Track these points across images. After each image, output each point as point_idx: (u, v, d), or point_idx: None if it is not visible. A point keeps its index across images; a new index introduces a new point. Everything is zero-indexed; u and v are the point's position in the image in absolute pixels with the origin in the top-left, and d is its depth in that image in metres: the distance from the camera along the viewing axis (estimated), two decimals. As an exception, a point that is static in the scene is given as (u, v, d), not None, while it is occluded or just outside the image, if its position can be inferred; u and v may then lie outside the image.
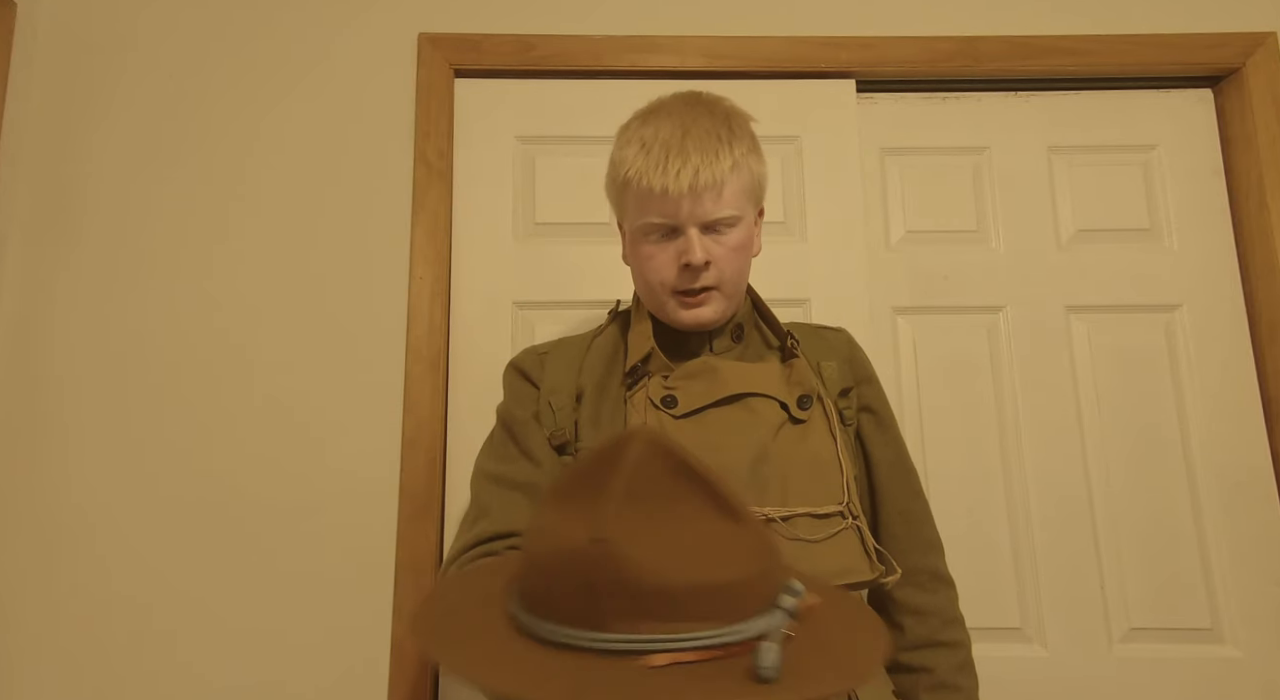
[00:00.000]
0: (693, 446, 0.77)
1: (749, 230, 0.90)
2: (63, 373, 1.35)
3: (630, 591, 0.53)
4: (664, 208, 0.85)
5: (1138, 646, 1.34)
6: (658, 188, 0.83)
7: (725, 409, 0.85)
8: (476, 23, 1.49)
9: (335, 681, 1.27)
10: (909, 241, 1.50)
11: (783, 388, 0.87)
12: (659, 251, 0.87)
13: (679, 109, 0.89)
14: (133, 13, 1.48)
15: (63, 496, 1.31)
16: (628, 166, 0.87)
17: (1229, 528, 1.38)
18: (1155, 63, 1.50)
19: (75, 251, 1.39)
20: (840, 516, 0.81)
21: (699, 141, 0.84)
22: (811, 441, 0.84)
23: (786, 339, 0.93)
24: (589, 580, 0.54)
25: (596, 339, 0.98)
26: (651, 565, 0.53)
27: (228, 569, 1.30)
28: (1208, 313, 1.46)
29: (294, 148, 1.45)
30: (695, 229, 0.84)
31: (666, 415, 0.84)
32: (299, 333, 1.38)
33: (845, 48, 1.49)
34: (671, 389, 0.86)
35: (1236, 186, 1.50)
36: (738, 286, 0.90)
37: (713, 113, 0.88)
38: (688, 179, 0.83)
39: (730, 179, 0.85)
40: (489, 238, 1.44)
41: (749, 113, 0.94)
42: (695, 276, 0.86)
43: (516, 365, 0.98)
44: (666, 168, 0.83)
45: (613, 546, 0.53)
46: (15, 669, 1.26)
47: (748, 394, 0.85)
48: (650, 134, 0.87)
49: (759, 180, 0.91)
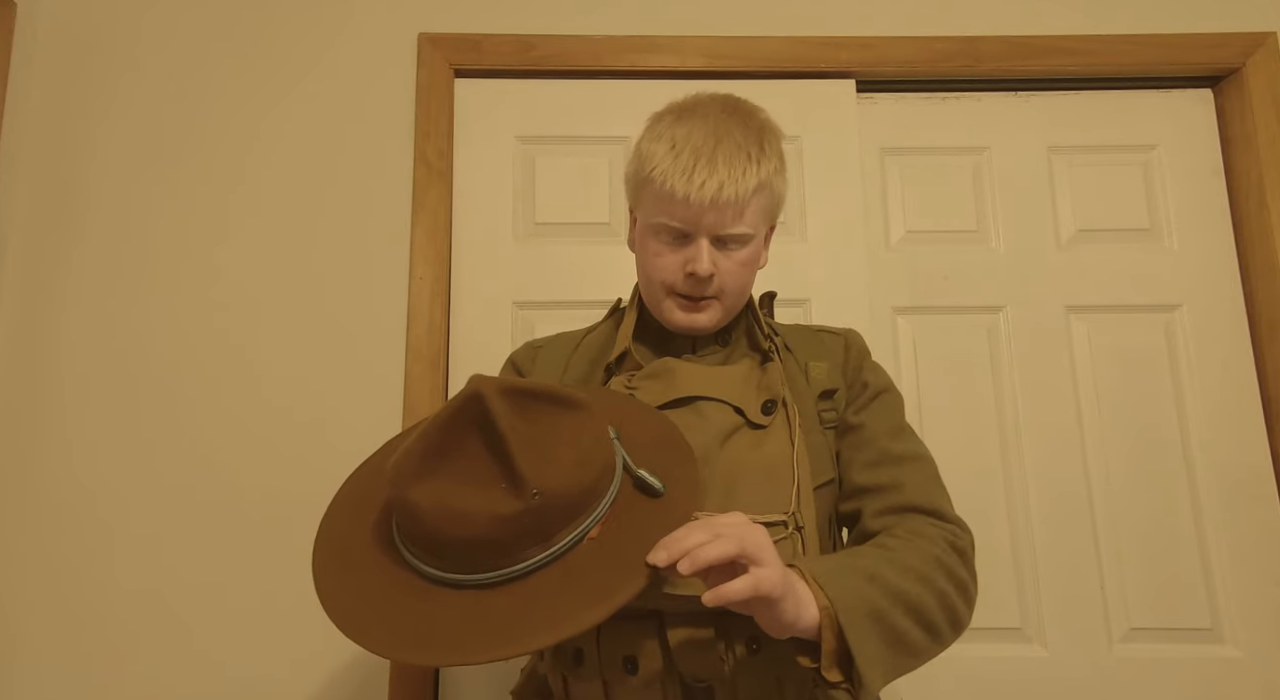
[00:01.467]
0: None
1: (759, 246, 0.89)
2: (65, 371, 1.35)
3: (418, 537, 0.67)
4: (682, 213, 0.84)
5: (1138, 646, 1.34)
6: (680, 194, 0.82)
7: (675, 412, 0.85)
8: (476, 23, 1.49)
9: (336, 679, 1.27)
10: (909, 241, 1.50)
11: (746, 392, 0.86)
12: (667, 252, 0.87)
13: (715, 114, 0.86)
14: (133, 13, 1.48)
15: (66, 494, 1.31)
16: (654, 164, 0.85)
17: (1229, 528, 1.38)
18: (1155, 63, 1.50)
19: (75, 251, 1.39)
20: (783, 526, 0.79)
21: (729, 155, 0.83)
22: (767, 447, 0.83)
23: (767, 342, 0.92)
24: (396, 521, 0.70)
25: (589, 335, 0.99)
26: (430, 520, 0.64)
27: (228, 569, 1.30)
28: (1208, 313, 1.46)
29: (294, 147, 1.45)
30: (707, 240, 0.84)
31: None
32: (299, 332, 1.38)
33: (845, 48, 1.49)
34: (632, 388, 0.86)
35: (1236, 186, 1.50)
36: (739, 299, 0.90)
37: (747, 126, 0.86)
38: (711, 192, 0.81)
39: (753, 199, 0.84)
40: (489, 238, 1.44)
41: (781, 128, 0.91)
42: (698, 286, 0.86)
43: (512, 358, 1.00)
44: (693, 176, 0.82)
45: (401, 493, 0.66)
46: (24, 660, 1.26)
47: (698, 398, 0.85)
48: (683, 135, 0.85)
49: (780, 199, 0.90)
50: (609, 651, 0.79)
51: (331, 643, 1.28)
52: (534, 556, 0.66)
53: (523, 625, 0.62)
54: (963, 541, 0.83)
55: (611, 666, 0.79)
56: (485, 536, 0.64)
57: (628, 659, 0.78)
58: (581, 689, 0.81)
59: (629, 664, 0.78)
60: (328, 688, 1.27)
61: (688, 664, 0.77)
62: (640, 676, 0.78)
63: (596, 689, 0.80)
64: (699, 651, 0.77)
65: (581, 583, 0.65)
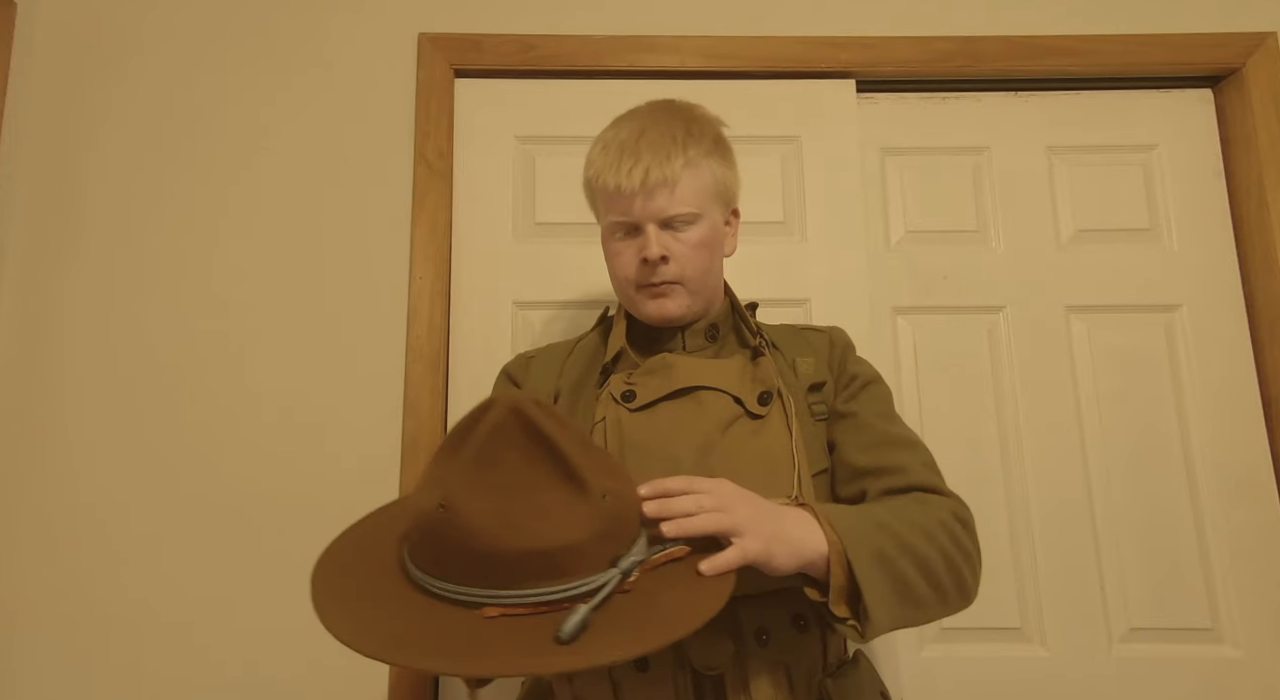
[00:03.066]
0: (645, 437, 0.83)
1: (715, 229, 0.93)
2: (64, 371, 1.35)
3: (466, 553, 0.60)
4: (621, 205, 0.90)
5: (1138, 646, 1.34)
6: (612, 185, 0.89)
7: (676, 402, 0.87)
8: (476, 23, 1.49)
9: (336, 679, 1.27)
10: (909, 241, 1.50)
11: (743, 384, 0.89)
12: (624, 248, 0.92)
13: (644, 113, 0.95)
14: (133, 13, 1.48)
15: (66, 496, 1.31)
16: (591, 167, 0.94)
17: (1229, 528, 1.38)
18: (1155, 63, 1.50)
19: (75, 252, 1.39)
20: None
21: (652, 142, 0.89)
22: (765, 437, 0.85)
23: (757, 338, 0.94)
24: (436, 540, 0.62)
25: (580, 343, 1.02)
26: (486, 532, 0.59)
27: (229, 568, 1.30)
28: (1208, 313, 1.46)
29: (294, 148, 1.45)
30: (653, 226, 0.89)
31: (624, 408, 0.87)
32: (299, 333, 1.38)
33: (845, 48, 1.49)
34: (632, 384, 0.89)
35: (1236, 186, 1.50)
36: (704, 284, 0.93)
37: (674, 116, 0.93)
38: (639, 177, 0.87)
39: (684, 177, 0.89)
40: (489, 238, 1.44)
41: (720, 118, 0.97)
42: (653, 271, 0.90)
43: (505, 370, 1.03)
44: (620, 166, 0.89)
45: (452, 513, 0.60)
46: (24, 661, 1.26)
47: (698, 388, 0.87)
48: (611, 135, 0.93)
49: (722, 181, 0.94)
50: None
51: (332, 644, 1.28)
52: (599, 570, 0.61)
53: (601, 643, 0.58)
54: (966, 514, 0.85)
55: (622, 664, 0.79)
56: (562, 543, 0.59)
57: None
58: (589, 691, 0.82)
59: (639, 660, 0.78)
60: (328, 689, 1.27)
61: (699, 653, 0.78)
62: (652, 672, 0.78)
63: (604, 690, 0.80)
64: (711, 639, 0.78)
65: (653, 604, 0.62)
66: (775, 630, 0.80)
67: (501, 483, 0.61)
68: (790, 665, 0.81)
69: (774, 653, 0.80)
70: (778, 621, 0.81)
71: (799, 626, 0.82)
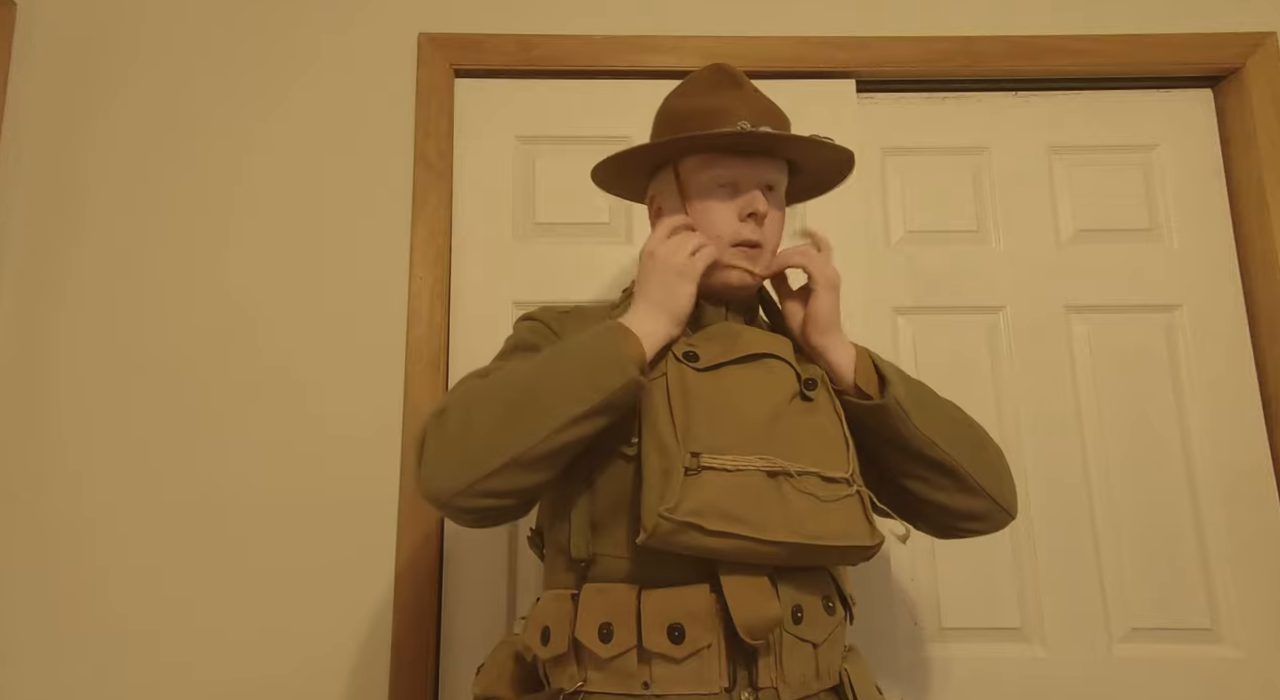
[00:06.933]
0: (712, 400, 0.81)
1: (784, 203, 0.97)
2: (64, 371, 1.35)
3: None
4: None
5: (1138, 646, 1.34)
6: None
7: (745, 367, 0.85)
8: (476, 23, 1.49)
9: (335, 679, 1.27)
10: (909, 241, 1.50)
11: (796, 362, 0.89)
12: (719, 206, 0.91)
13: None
14: (133, 12, 1.48)
15: (66, 494, 1.31)
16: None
17: (1229, 528, 1.38)
18: (1155, 63, 1.50)
19: (75, 251, 1.39)
20: (846, 484, 0.82)
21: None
22: (819, 417, 0.85)
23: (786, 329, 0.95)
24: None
25: (615, 310, 0.98)
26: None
27: (230, 568, 1.30)
28: (1208, 313, 1.46)
29: (294, 148, 1.45)
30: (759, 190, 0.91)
31: (689, 368, 0.84)
32: (299, 332, 1.38)
33: (845, 48, 1.49)
34: (693, 345, 0.87)
35: (1236, 186, 1.50)
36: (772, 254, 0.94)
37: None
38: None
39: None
40: (489, 238, 1.44)
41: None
42: (756, 228, 0.90)
43: (536, 316, 0.97)
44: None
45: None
46: (24, 661, 1.26)
47: (766, 355, 0.87)
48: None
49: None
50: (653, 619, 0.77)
51: (333, 644, 1.28)
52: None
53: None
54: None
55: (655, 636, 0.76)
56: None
57: (673, 627, 0.77)
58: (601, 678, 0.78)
59: (674, 632, 0.76)
60: (328, 688, 1.27)
61: (744, 610, 0.76)
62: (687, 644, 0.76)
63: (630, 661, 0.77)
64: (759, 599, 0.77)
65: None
66: (809, 609, 0.82)
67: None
68: (817, 646, 0.82)
69: (806, 631, 0.81)
70: (810, 601, 0.82)
71: (828, 609, 0.84)
